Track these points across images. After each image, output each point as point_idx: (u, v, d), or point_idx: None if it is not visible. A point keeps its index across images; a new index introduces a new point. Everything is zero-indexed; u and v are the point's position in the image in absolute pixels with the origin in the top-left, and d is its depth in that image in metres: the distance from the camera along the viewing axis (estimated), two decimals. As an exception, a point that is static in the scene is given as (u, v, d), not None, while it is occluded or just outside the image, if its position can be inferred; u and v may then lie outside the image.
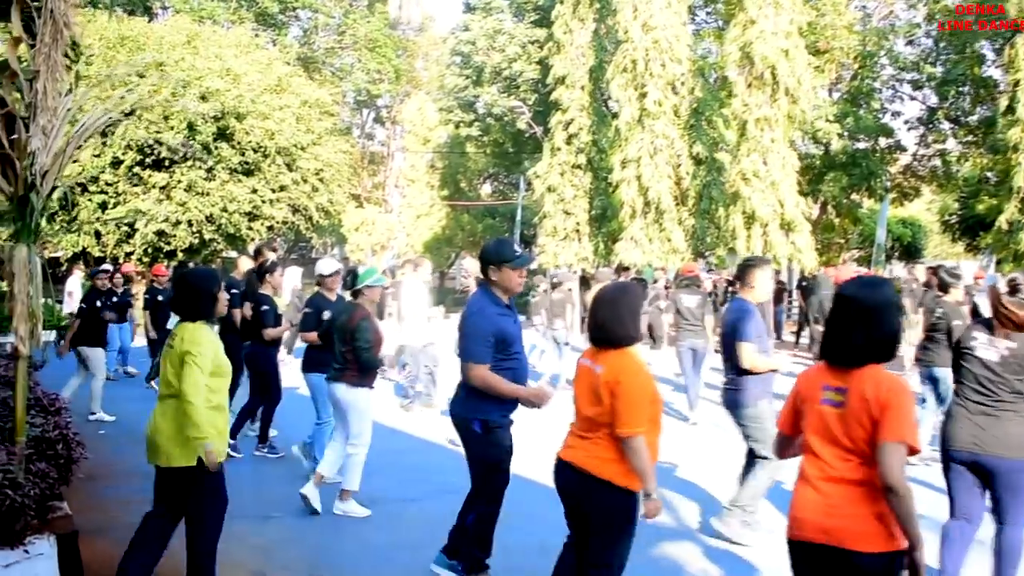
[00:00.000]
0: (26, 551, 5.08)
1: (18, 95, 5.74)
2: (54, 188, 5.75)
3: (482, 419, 5.25)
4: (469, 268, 34.06)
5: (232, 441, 9.35)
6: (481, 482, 5.36)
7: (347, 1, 42.68)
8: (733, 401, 6.36)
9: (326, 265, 8.82)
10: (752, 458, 6.47)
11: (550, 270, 28.54)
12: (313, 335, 8.20)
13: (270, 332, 9.07)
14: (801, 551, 3.49)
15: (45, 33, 5.72)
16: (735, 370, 6.33)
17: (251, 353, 9.26)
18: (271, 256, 10.74)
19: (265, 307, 9.10)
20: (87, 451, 6.56)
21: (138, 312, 15.51)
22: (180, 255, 23.78)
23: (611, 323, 4.34)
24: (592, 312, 4.48)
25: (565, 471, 4.41)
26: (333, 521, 7.06)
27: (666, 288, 16.07)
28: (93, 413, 10.99)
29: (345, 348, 7.09)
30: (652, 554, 6.25)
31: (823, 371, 3.54)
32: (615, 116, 26.12)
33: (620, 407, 4.14)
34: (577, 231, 26.86)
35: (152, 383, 13.38)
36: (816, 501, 3.41)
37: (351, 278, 7.35)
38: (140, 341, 15.97)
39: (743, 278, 6.50)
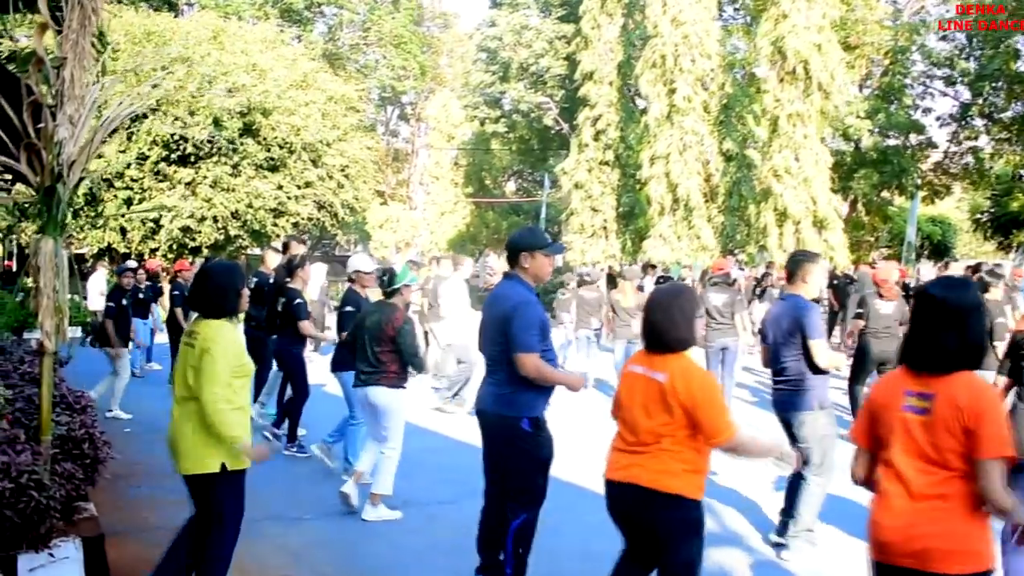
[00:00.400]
0: (51, 554, 4.91)
1: (45, 83, 5.58)
2: (81, 179, 5.57)
3: (532, 417, 5.02)
4: (494, 266, 33.80)
5: (278, 440, 9.22)
6: (527, 483, 5.09)
7: (373, -3, 42.59)
8: (792, 402, 6.06)
9: (364, 262, 8.64)
10: (796, 476, 6.21)
11: (577, 267, 28.38)
12: (344, 335, 8.00)
13: (307, 327, 8.90)
14: (886, 574, 3.28)
15: (73, 19, 5.54)
16: (799, 369, 6.03)
17: (278, 349, 9.11)
18: (300, 250, 10.59)
19: (298, 301, 8.93)
20: (113, 450, 6.42)
21: (163, 309, 15.41)
22: (205, 251, 23.69)
23: (665, 327, 4.13)
24: (646, 316, 4.28)
25: (624, 493, 4.12)
26: (364, 524, 6.85)
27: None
28: (110, 410, 10.84)
29: (380, 349, 6.87)
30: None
31: (903, 376, 3.30)
32: (643, 112, 25.86)
33: (703, 417, 3.93)
34: (604, 228, 26.63)
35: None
36: (898, 521, 3.20)
37: (388, 278, 7.12)
38: (160, 338, 15.89)
39: (795, 273, 6.20)
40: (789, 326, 6.04)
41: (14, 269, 25.74)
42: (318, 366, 11.50)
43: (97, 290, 18.10)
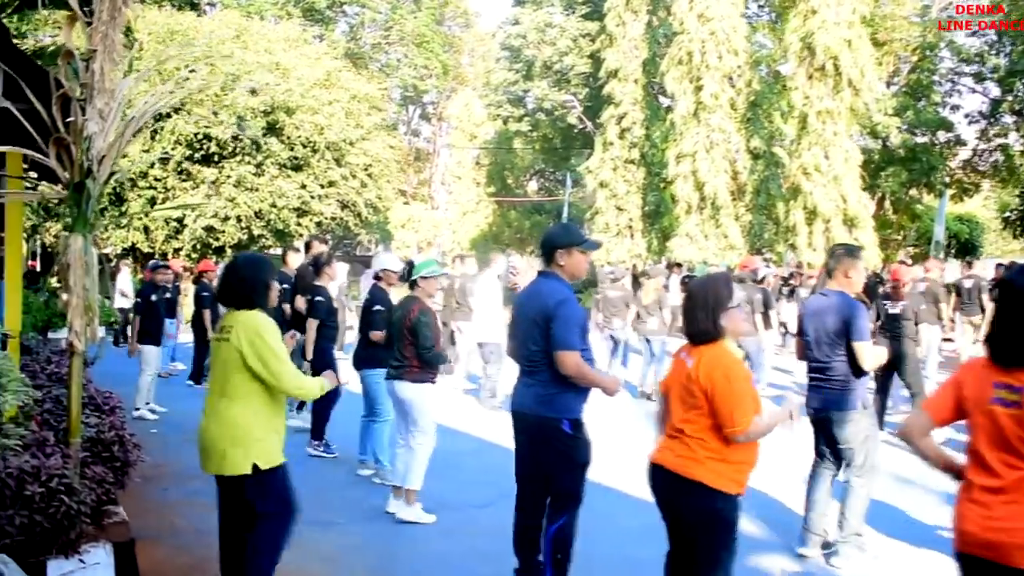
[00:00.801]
0: (82, 560, 4.78)
1: (74, 77, 5.44)
2: (111, 175, 5.43)
3: (573, 419, 4.89)
4: (518, 265, 33.62)
5: (317, 441, 9.08)
6: (567, 486, 4.95)
7: (394, -4, 42.51)
8: (836, 402, 5.85)
9: (392, 260, 8.51)
10: (812, 473, 6.03)
11: (604, 266, 28.16)
12: (382, 334, 7.84)
13: (311, 325, 8.83)
14: (967, 565, 3.21)
15: (103, 10, 5.40)
16: (845, 369, 5.82)
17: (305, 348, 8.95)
18: (322, 249, 10.46)
19: (320, 298, 8.85)
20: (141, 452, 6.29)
21: (187, 309, 15.33)
22: (229, 251, 23.64)
23: (688, 318, 4.16)
24: (683, 307, 4.29)
25: (656, 475, 4.17)
26: (399, 528, 6.69)
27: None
28: (137, 409, 10.74)
29: (403, 344, 6.75)
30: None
31: (991, 369, 3.16)
32: (668, 110, 25.62)
33: (721, 407, 3.89)
34: (630, 227, 26.44)
35: (204, 383, 13.13)
36: (981, 513, 3.11)
37: (407, 269, 6.99)
38: (183, 337, 15.81)
39: (836, 268, 5.97)
40: (836, 325, 5.82)
41: (38, 269, 25.75)
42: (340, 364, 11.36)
43: (123, 290, 18.07)
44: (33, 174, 8.85)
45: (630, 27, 26.18)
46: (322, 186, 24.82)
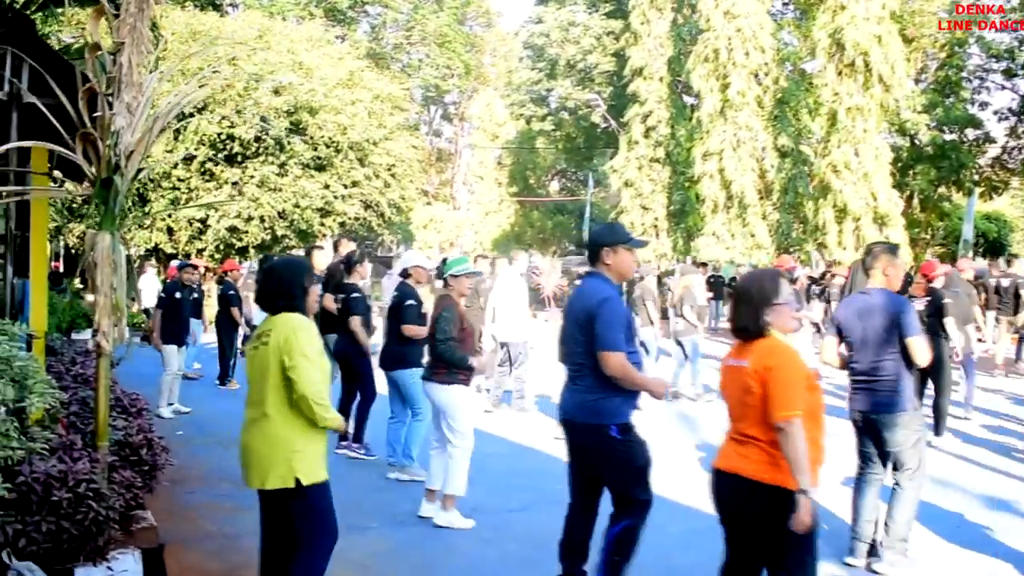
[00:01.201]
0: (110, 568, 4.64)
1: (101, 71, 5.31)
2: (139, 171, 5.29)
3: (621, 423, 4.72)
4: (541, 265, 33.45)
5: (357, 444, 8.93)
6: (627, 491, 4.79)
7: (416, -5, 42.43)
8: (888, 404, 5.64)
9: (421, 257, 8.37)
10: (859, 478, 5.82)
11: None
12: (424, 330, 7.67)
13: (355, 322, 8.61)
14: None
15: (130, 3, 5.27)
16: (896, 369, 5.61)
17: (341, 350, 8.80)
18: (351, 246, 10.33)
19: (356, 294, 8.70)
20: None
21: (209, 310, 15.25)
22: (252, 252, 23.56)
23: (738, 312, 4.04)
24: (730, 304, 4.18)
25: (728, 483, 3.99)
26: (433, 533, 6.52)
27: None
28: (159, 407, 10.64)
29: (432, 344, 6.64)
30: None
31: None
32: (694, 109, 25.37)
33: (772, 391, 3.76)
34: (655, 226, 26.25)
35: (229, 384, 13.02)
36: None
37: (440, 267, 6.84)
38: (206, 338, 15.74)
39: (874, 266, 5.77)
40: (885, 323, 5.61)
41: (61, 270, 25.77)
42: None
43: (149, 290, 18.01)
44: (57, 173, 8.77)
45: (655, 25, 26.01)
46: (345, 186, 24.70)
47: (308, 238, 24.87)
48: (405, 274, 8.21)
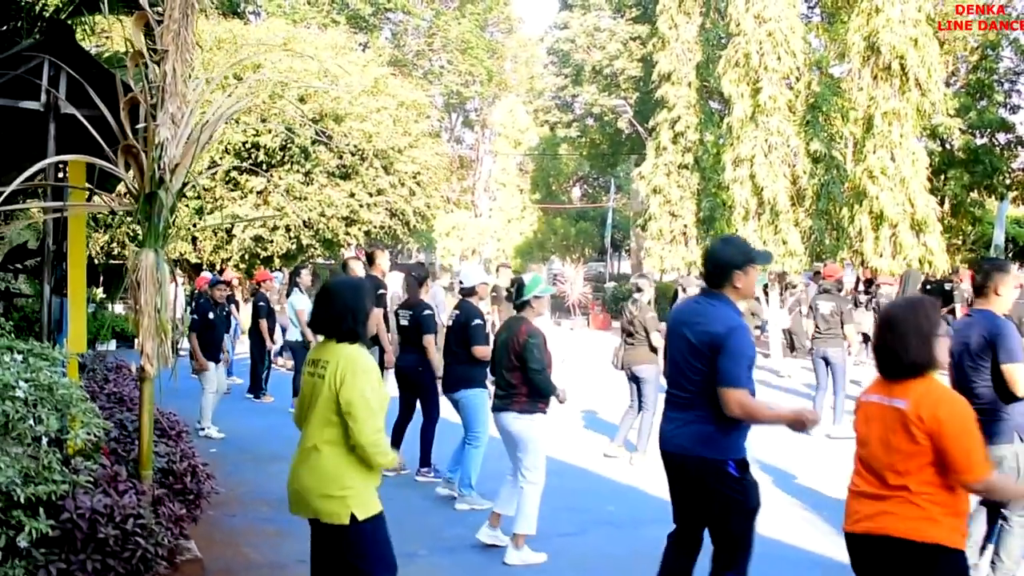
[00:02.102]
0: (157, 607, 4.36)
1: (143, 80, 5.07)
2: (184, 184, 5.04)
3: (739, 459, 4.31)
4: (567, 273, 33.18)
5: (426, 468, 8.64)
6: (736, 535, 4.35)
7: (438, 3, 42.25)
8: (986, 434, 5.28)
9: (478, 272, 8.10)
10: (992, 514, 5.45)
11: (651, 273, 27.60)
12: (487, 350, 7.38)
13: (430, 341, 8.27)
14: None
15: (175, 8, 5.02)
16: (993, 396, 5.24)
17: (409, 367, 8.42)
18: (386, 259, 10.05)
19: (428, 312, 8.34)
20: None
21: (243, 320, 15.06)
22: (277, 261, 23.39)
23: (898, 348, 3.53)
24: (877, 336, 3.67)
25: (872, 547, 3.52)
26: (486, 560, 6.24)
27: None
28: (202, 428, 10.41)
29: (510, 370, 6.21)
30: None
31: None
32: (722, 116, 25.01)
33: (955, 452, 3.34)
34: (684, 234, 25.83)
35: (263, 397, 12.77)
36: None
37: (516, 288, 6.44)
38: (239, 348, 15.55)
39: (985, 285, 5.36)
40: (979, 346, 5.25)
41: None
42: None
43: (177, 303, 17.85)
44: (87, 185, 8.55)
45: (683, 30, 25.65)
46: (371, 194, 24.51)
47: (333, 247, 24.71)
48: (470, 292, 7.91)
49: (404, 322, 8.38)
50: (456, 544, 6.59)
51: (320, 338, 4.17)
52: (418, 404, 8.54)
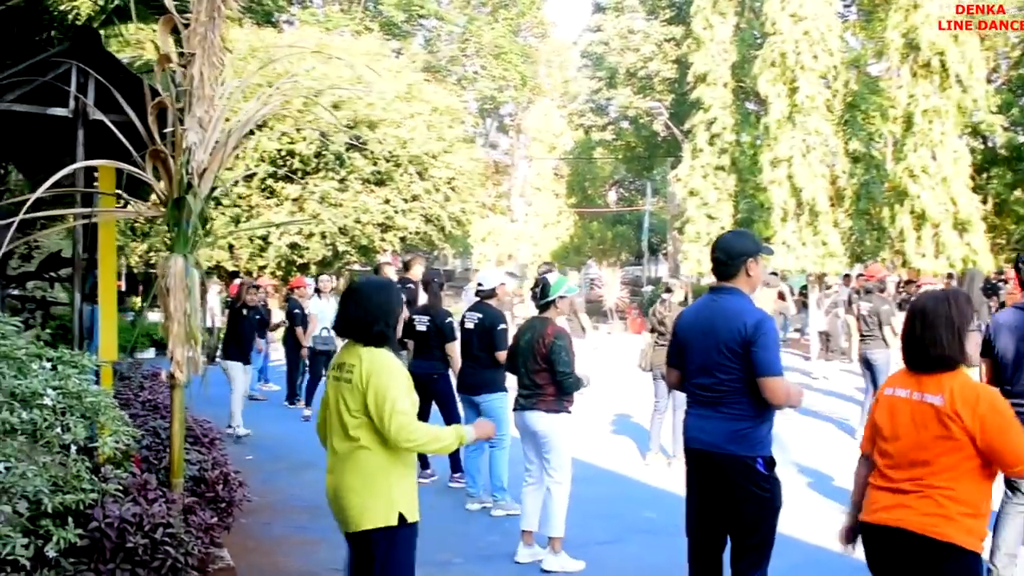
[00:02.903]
0: (188, 617, 4.29)
1: (171, 84, 5.02)
2: (213, 189, 4.98)
3: (767, 456, 4.23)
4: (604, 277, 32.98)
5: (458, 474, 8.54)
6: (763, 533, 4.25)
7: (471, 8, 42.29)
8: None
9: (500, 275, 7.98)
10: (1001, 509, 5.26)
11: (687, 276, 27.38)
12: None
13: (454, 348, 8.12)
14: None
15: (200, 10, 4.96)
16: None
17: (424, 373, 8.21)
18: (422, 266, 10.01)
19: (449, 320, 8.27)
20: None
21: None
22: (313, 268, 23.46)
23: (928, 341, 3.43)
24: (906, 329, 3.55)
25: (888, 540, 3.43)
26: (517, 568, 6.12)
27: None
28: (230, 427, 10.48)
29: (535, 370, 6.09)
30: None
31: None
32: (759, 116, 24.76)
33: (999, 443, 3.26)
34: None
35: (300, 405, 12.72)
36: None
37: (541, 289, 6.33)
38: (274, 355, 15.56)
39: None
40: None
41: (123, 289, 25.86)
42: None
43: (211, 308, 17.94)
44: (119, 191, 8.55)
45: (718, 30, 25.41)
46: (405, 200, 24.55)
47: (369, 254, 24.74)
48: (490, 294, 7.80)
49: (421, 328, 8.26)
50: (491, 551, 6.49)
51: (340, 341, 4.03)
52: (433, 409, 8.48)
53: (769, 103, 21.79)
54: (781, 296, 11.72)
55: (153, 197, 6.96)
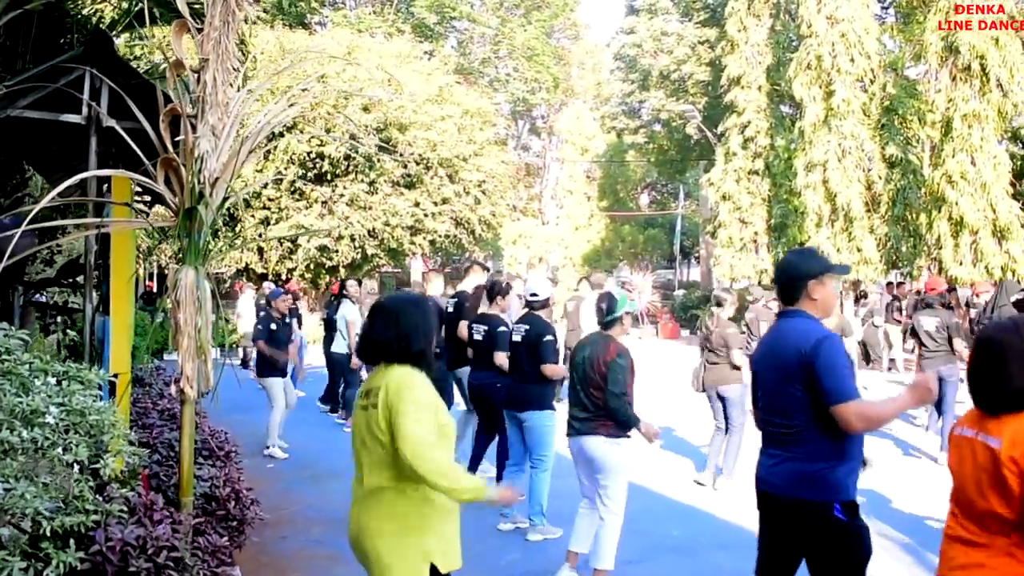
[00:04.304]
0: (193, 643, 4.14)
1: (184, 91, 4.88)
2: (225, 199, 4.83)
3: (846, 501, 3.76)
4: (635, 281, 32.71)
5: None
6: None
7: (503, 10, 42.16)
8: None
9: (545, 282, 7.70)
10: None
11: (729, 281, 27.03)
12: (564, 370, 7.10)
13: (500, 358, 7.70)
14: None
15: (215, 15, 4.81)
16: None
17: (485, 384, 8.01)
18: (480, 272, 9.77)
19: (502, 329, 7.82)
20: (255, 492, 5.68)
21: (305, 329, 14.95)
22: (342, 271, 23.40)
23: (996, 376, 3.04)
24: (971, 361, 3.19)
25: None
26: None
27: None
28: (267, 448, 10.12)
29: (594, 391, 5.77)
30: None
31: None
32: (793, 121, 24.43)
33: None
34: (755, 241, 25.22)
35: (336, 415, 12.53)
36: None
37: (607, 304, 5.99)
38: (307, 359, 15.43)
39: None
40: None
41: (154, 290, 25.93)
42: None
43: (247, 312, 17.79)
44: (147, 197, 8.43)
45: (752, 32, 25.11)
46: (435, 203, 24.46)
47: (399, 256, 24.67)
48: (540, 304, 7.37)
49: (478, 336, 8.05)
50: (512, 571, 6.29)
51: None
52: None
53: (804, 106, 21.50)
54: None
55: (160, 208, 6.85)
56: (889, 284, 20.62)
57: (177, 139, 4.73)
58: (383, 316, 3.60)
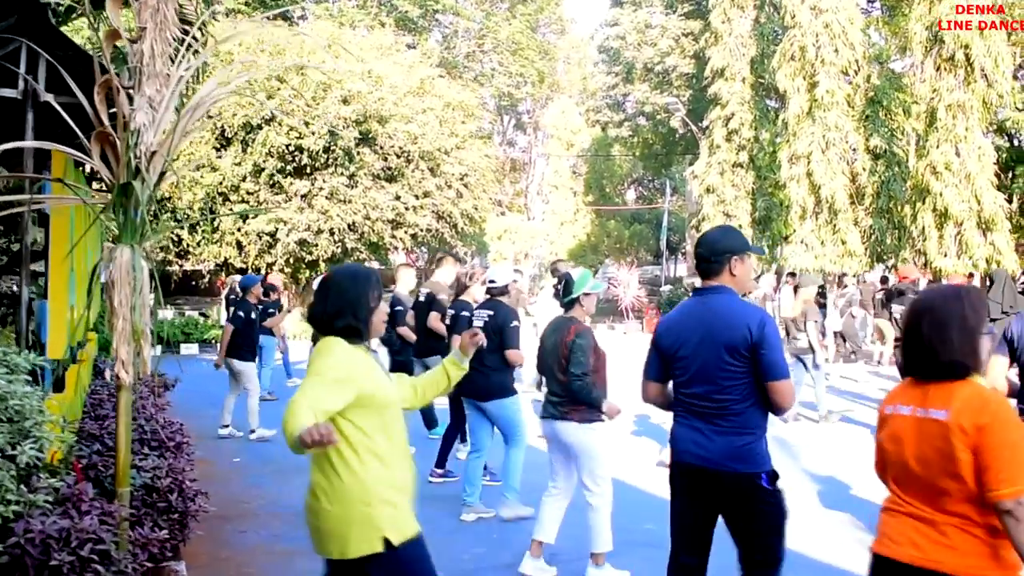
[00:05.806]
0: (121, 642, 3.90)
1: (121, 62, 4.66)
2: (162, 174, 4.58)
3: (769, 470, 3.90)
4: (621, 276, 32.52)
5: (441, 470, 8.33)
6: (772, 550, 3.94)
7: (488, 4, 41.94)
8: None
9: (508, 271, 7.58)
10: None
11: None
12: (521, 354, 7.01)
13: (517, 355, 7.29)
14: None
15: (152, -19, 4.58)
16: None
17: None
18: (451, 263, 9.77)
19: (464, 312, 7.83)
20: (218, 485, 5.45)
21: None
22: (322, 265, 23.15)
23: (936, 344, 2.92)
24: (907, 329, 3.06)
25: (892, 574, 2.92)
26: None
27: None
28: (252, 431, 10.22)
29: (563, 375, 5.63)
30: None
31: None
32: (778, 112, 24.31)
33: (992, 460, 2.71)
34: (739, 234, 25.13)
35: None
36: None
37: (564, 285, 5.84)
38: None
39: None
40: None
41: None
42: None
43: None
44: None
45: (736, 23, 24.95)
46: (416, 197, 24.21)
47: (379, 250, 24.43)
48: (500, 291, 7.31)
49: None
50: (481, 566, 6.06)
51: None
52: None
53: (788, 98, 21.40)
54: (822, 297, 11.09)
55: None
56: (884, 279, 20.48)
57: (112, 111, 4.51)
58: (319, 291, 3.52)
